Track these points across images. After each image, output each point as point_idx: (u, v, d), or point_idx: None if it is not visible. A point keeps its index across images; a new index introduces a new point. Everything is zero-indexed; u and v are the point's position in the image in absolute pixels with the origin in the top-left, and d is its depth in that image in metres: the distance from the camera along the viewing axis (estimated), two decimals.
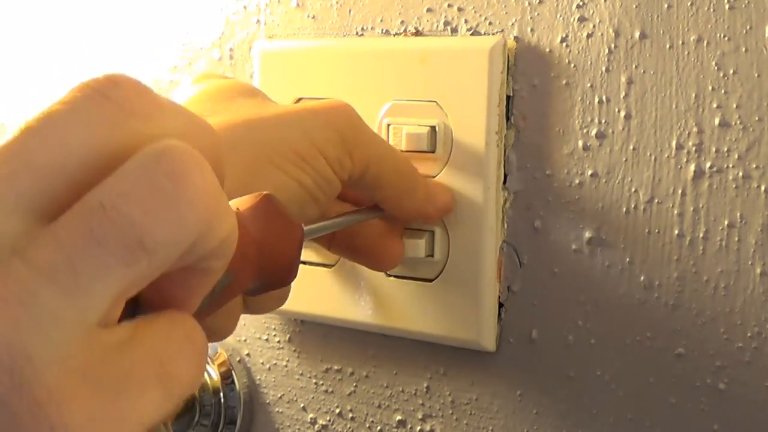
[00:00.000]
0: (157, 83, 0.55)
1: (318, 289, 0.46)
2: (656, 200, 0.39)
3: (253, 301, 0.36)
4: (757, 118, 0.37)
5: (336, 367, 0.50)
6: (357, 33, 0.47)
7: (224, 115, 0.36)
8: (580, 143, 0.41)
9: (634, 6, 0.39)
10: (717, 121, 0.38)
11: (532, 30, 0.42)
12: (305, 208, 0.37)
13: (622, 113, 0.40)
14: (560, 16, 0.41)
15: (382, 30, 0.46)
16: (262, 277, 0.27)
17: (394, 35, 0.46)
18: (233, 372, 0.53)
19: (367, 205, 0.41)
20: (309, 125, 0.37)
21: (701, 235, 0.39)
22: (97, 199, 0.19)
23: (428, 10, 0.45)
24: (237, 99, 0.38)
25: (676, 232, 0.39)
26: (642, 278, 0.40)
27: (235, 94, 0.38)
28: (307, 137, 0.37)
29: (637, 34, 0.39)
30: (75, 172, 0.20)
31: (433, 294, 0.44)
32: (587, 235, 0.41)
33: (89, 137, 0.20)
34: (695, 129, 0.38)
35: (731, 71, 0.37)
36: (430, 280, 0.44)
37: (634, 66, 0.39)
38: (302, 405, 0.51)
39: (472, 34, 0.43)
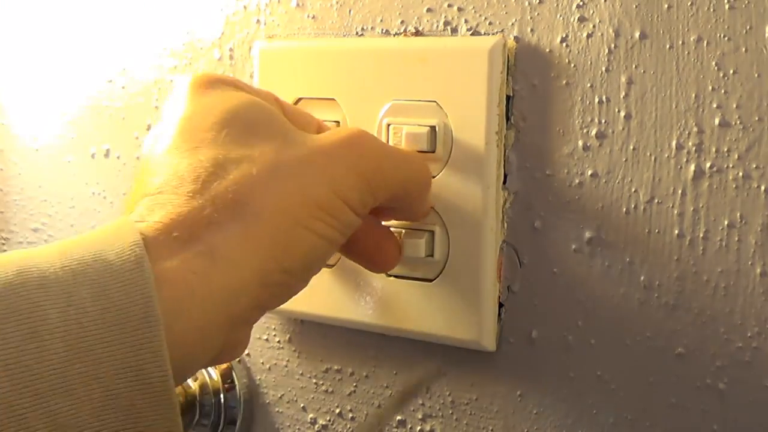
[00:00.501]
0: (158, 83, 0.55)
1: (318, 289, 0.46)
2: (656, 200, 0.39)
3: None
4: (757, 118, 0.37)
5: (336, 367, 0.50)
6: (357, 33, 0.47)
7: (245, 167, 0.34)
8: (580, 143, 0.41)
9: (634, 6, 0.39)
10: (717, 121, 0.38)
11: (532, 30, 0.42)
12: (328, 256, 0.37)
13: (622, 113, 0.40)
14: (560, 16, 0.41)
15: (382, 30, 0.46)
16: None
17: (394, 35, 0.46)
18: (233, 372, 0.53)
19: None
20: (332, 175, 0.36)
21: (701, 235, 0.39)
22: None
23: (428, 10, 0.45)
24: (257, 140, 0.35)
25: (676, 232, 0.39)
26: (642, 278, 0.40)
27: (254, 128, 0.36)
28: (331, 190, 0.35)
29: (637, 34, 0.39)
30: None
31: (433, 294, 0.44)
32: (587, 235, 0.41)
33: None
34: (695, 129, 0.38)
35: (731, 71, 0.37)
36: (430, 280, 0.44)
37: (634, 66, 0.39)
38: (302, 405, 0.51)
39: (472, 34, 0.43)
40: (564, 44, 0.41)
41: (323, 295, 0.47)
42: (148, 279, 0.29)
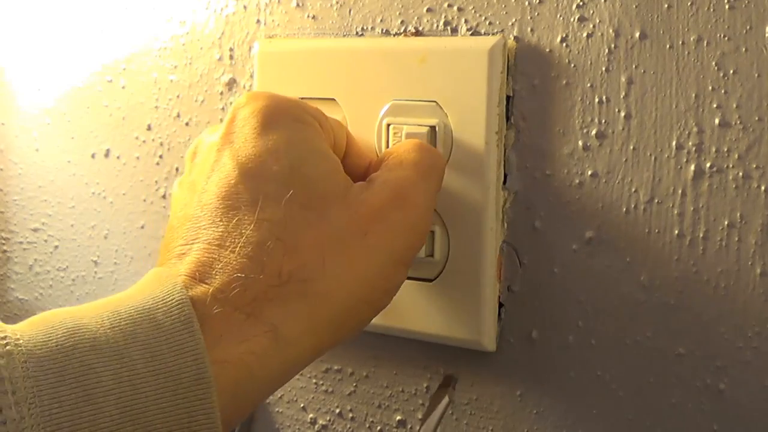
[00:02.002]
0: (158, 83, 0.55)
1: None
2: (656, 200, 0.39)
3: None
4: (757, 118, 0.37)
5: (336, 367, 0.50)
6: (357, 33, 0.47)
7: (311, 238, 0.33)
8: (580, 143, 0.41)
9: (634, 6, 0.39)
10: (717, 121, 0.38)
11: (532, 30, 0.42)
12: None
13: (622, 113, 0.40)
14: (560, 16, 0.41)
15: (382, 30, 0.46)
16: None
17: (394, 35, 0.46)
18: None
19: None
20: (392, 242, 0.35)
21: (701, 235, 0.39)
22: None
23: (428, 10, 0.45)
24: (320, 203, 0.34)
25: (676, 232, 0.39)
26: (642, 278, 0.40)
27: (318, 189, 0.35)
28: (392, 260, 0.35)
29: (637, 34, 0.39)
30: None
31: (433, 294, 0.44)
32: (587, 235, 0.41)
33: None
34: (695, 129, 0.38)
35: (731, 71, 0.37)
36: (430, 280, 0.44)
37: (634, 66, 0.39)
38: (302, 405, 0.51)
39: (472, 34, 0.43)
40: (564, 44, 0.41)
41: None
42: (198, 340, 0.29)
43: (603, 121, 0.40)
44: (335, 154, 0.38)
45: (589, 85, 0.41)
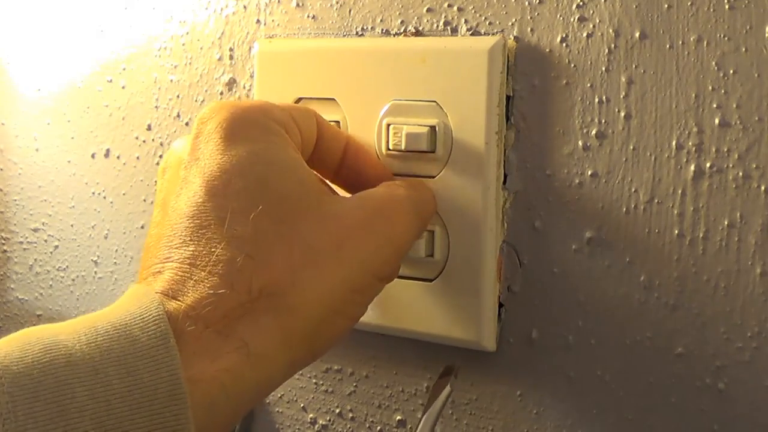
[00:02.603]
0: (158, 83, 0.55)
1: None
2: (656, 200, 0.39)
3: None
4: (757, 118, 0.37)
5: (336, 367, 0.50)
6: (357, 33, 0.47)
7: (281, 252, 0.33)
8: (580, 143, 0.41)
9: (634, 6, 0.39)
10: (717, 121, 0.38)
11: (532, 30, 0.42)
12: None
13: (622, 113, 0.40)
14: (560, 16, 0.41)
15: (382, 30, 0.46)
16: None
17: (394, 35, 0.46)
18: None
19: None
20: (367, 253, 0.35)
21: (701, 235, 0.39)
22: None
23: (428, 10, 0.45)
24: (291, 216, 0.34)
25: (676, 232, 0.39)
26: (642, 278, 0.40)
27: (288, 203, 0.34)
28: (367, 271, 0.35)
29: (637, 34, 0.39)
30: None
31: (433, 294, 0.44)
32: (587, 235, 0.41)
33: None
34: (695, 129, 0.38)
35: (731, 71, 0.37)
36: (430, 280, 0.44)
37: (634, 66, 0.39)
38: (302, 405, 0.51)
39: (472, 34, 0.43)
40: (564, 44, 0.41)
41: None
42: (173, 356, 0.29)
43: (603, 121, 0.40)
44: (306, 147, 0.38)
45: (589, 85, 0.41)
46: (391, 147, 0.43)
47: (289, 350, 0.32)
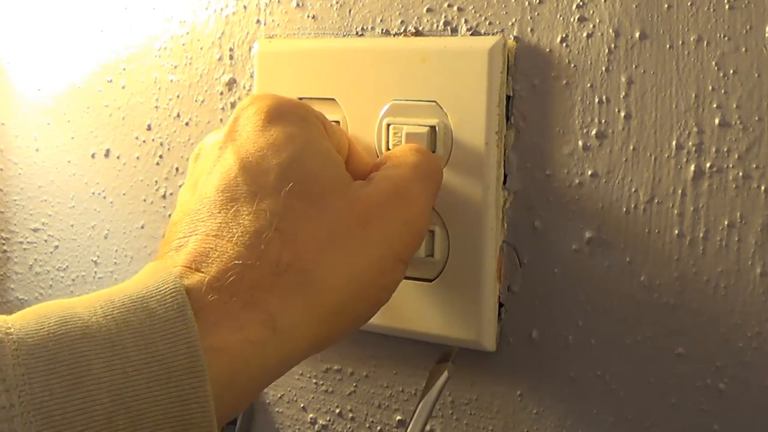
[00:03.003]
0: (158, 83, 0.55)
1: None
2: (656, 200, 0.39)
3: None
4: (757, 118, 0.37)
5: (336, 367, 0.50)
6: (357, 33, 0.47)
7: (311, 230, 0.33)
8: (580, 143, 0.41)
9: (634, 6, 0.39)
10: (717, 121, 0.38)
11: (532, 30, 0.42)
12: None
13: (622, 113, 0.40)
14: (560, 16, 0.41)
15: (382, 30, 0.46)
16: None
17: (394, 35, 0.46)
18: None
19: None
20: (389, 236, 0.35)
21: (701, 235, 0.39)
22: None
23: (428, 10, 0.45)
24: (319, 198, 0.34)
25: (676, 232, 0.39)
26: (642, 278, 0.40)
27: (317, 183, 0.35)
28: (391, 254, 0.35)
29: (637, 34, 0.39)
30: None
31: (433, 294, 0.44)
32: (587, 235, 0.41)
33: None
34: (695, 129, 0.38)
35: (731, 71, 0.37)
36: (430, 280, 0.44)
37: (634, 66, 0.39)
38: (302, 405, 0.51)
39: (472, 34, 0.43)
40: (564, 44, 0.41)
41: None
42: (191, 328, 0.29)
43: (603, 121, 0.40)
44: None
45: (589, 85, 0.41)
46: (391, 147, 0.43)
47: (312, 328, 0.32)
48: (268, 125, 0.36)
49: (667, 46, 0.39)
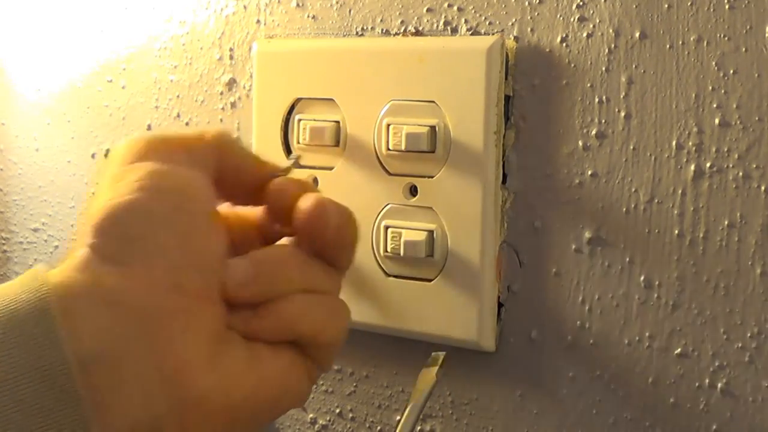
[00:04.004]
0: (158, 83, 0.55)
1: None
2: (656, 200, 0.39)
3: None
4: (757, 118, 0.37)
5: (336, 367, 0.50)
6: (357, 33, 0.47)
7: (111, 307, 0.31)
8: (580, 143, 0.41)
9: (634, 6, 0.39)
10: (717, 121, 0.38)
11: (532, 30, 0.42)
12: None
13: (622, 113, 0.40)
14: (560, 16, 0.41)
15: (382, 30, 0.46)
16: None
17: (393, 35, 0.46)
18: None
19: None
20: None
21: (701, 235, 0.39)
22: None
23: (428, 10, 0.45)
24: (133, 258, 0.31)
25: (676, 232, 0.39)
26: (642, 278, 0.40)
27: (131, 242, 0.31)
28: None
29: (637, 34, 0.39)
30: None
31: (433, 294, 0.44)
32: (587, 235, 0.41)
33: None
34: (695, 129, 0.38)
35: (731, 71, 0.37)
36: (430, 280, 0.44)
37: (634, 66, 0.39)
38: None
39: (472, 34, 0.43)
40: (564, 44, 0.41)
41: None
42: (42, 282, 0.29)
43: (603, 121, 0.40)
44: (203, 195, 0.34)
45: (589, 85, 0.41)
46: (391, 147, 0.43)
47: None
48: (123, 172, 0.33)
49: (667, 46, 0.39)
